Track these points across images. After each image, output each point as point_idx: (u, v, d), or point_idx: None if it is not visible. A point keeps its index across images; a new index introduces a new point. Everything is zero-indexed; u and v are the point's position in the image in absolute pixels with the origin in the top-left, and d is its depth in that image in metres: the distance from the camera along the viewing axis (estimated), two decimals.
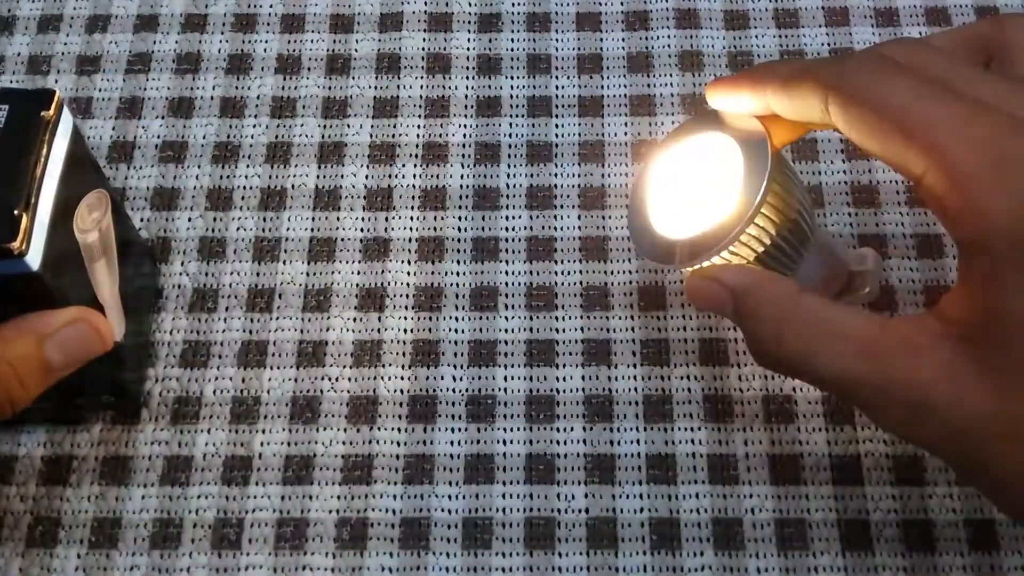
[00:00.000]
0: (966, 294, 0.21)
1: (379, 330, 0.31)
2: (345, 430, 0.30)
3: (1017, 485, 0.20)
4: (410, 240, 0.33)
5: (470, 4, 0.37)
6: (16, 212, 0.22)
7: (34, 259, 0.23)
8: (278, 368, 0.31)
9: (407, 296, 0.32)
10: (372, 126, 0.35)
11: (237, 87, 0.35)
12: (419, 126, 0.35)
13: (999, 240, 0.20)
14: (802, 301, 0.23)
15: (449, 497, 0.29)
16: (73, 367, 0.25)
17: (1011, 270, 0.20)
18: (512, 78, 0.36)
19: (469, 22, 0.37)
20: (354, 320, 0.31)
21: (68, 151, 0.25)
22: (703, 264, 0.25)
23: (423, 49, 0.36)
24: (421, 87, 0.35)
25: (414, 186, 0.34)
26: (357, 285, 0.32)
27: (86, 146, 0.26)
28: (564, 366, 0.31)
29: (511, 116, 0.35)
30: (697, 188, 0.26)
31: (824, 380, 0.23)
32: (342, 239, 0.33)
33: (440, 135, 0.34)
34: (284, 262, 0.32)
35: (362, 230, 0.33)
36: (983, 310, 0.20)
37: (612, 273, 0.32)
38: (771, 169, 0.24)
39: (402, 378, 0.31)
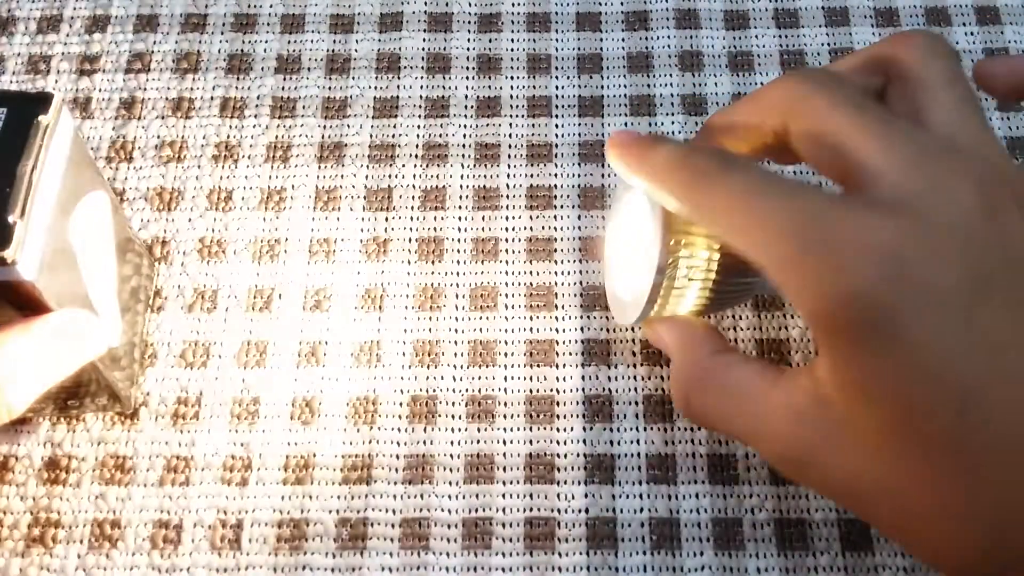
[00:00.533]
0: (821, 358, 0.22)
1: (379, 330, 0.31)
2: (345, 430, 0.30)
3: (900, 537, 0.22)
4: (410, 240, 0.33)
5: (470, 4, 0.37)
6: (11, 219, 0.22)
7: (27, 267, 0.22)
8: (278, 368, 0.31)
9: (407, 296, 0.32)
10: (372, 126, 0.35)
11: (237, 87, 0.35)
12: (419, 126, 0.35)
13: (818, 324, 0.21)
14: (709, 366, 0.25)
15: (449, 497, 0.29)
16: (68, 371, 0.25)
17: (835, 349, 0.21)
18: (512, 78, 0.36)
19: (469, 22, 0.37)
20: (354, 320, 0.31)
21: (67, 155, 0.25)
22: (646, 318, 0.27)
23: (423, 49, 0.36)
24: (421, 87, 0.35)
25: (414, 186, 0.34)
26: (357, 285, 0.32)
27: (85, 148, 0.26)
28: (564, 366, 0.31)
29: (511, 116, 0.35)
30: (634, 245, 0.27)
31: (727, 434, 0.26)
32: (342, 239, 0.33)
33: (440, 135, 0.34)
34: (284, 262, 0.32)
35: (362, 230, 0.33)
36: (830, 378, 0.21)
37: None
38: (665, 228, 0.25)
39: (402, 378, 0.31)
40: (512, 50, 0.36)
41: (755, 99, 0.25)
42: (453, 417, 0.30)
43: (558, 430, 0.30)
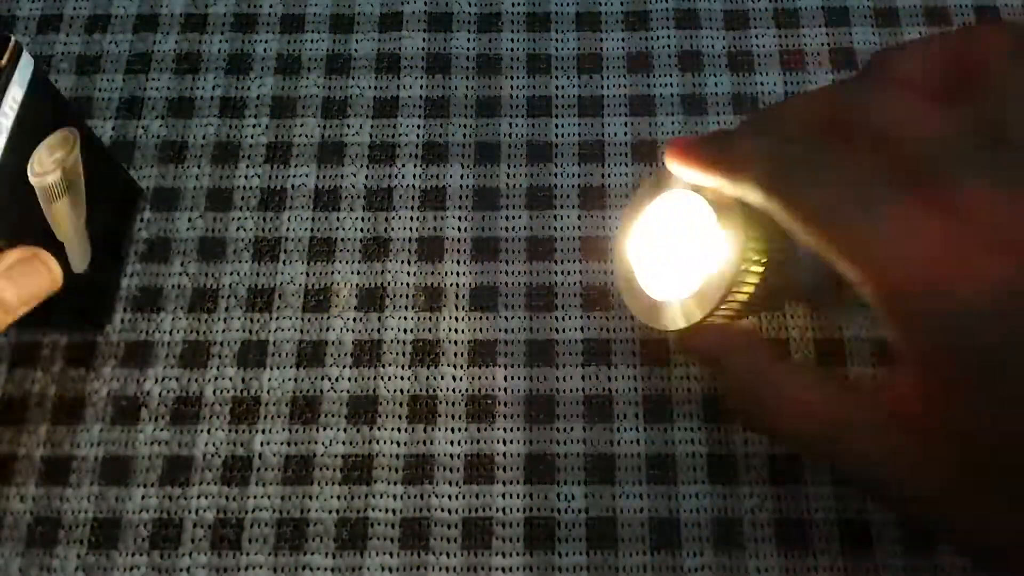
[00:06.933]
0: (909, 389, 0.21)
1: (379, 330, 0.31)
2: (345, 430, 0.30)
3: (977, 555, 0.22)
4: (410, 240, 0.33)
5: (470, 4, 0.37)
6: None
7: None
8: (278, 368, 0.31)
9: (407, 296, 0.32)
10: (372, 126, 0.35)
11: (237, 87, 0.35)
12: (419, 126, 0.35)
13: (918, 361, 0.21)
14: (767, 374, 0.24)
15: (449, 497, 0.29)
16: (30, 305, 0.26)
17: (932, 385, 0.20)
18: (512, 78, 0.36)
19: (469, 22, 0.37)
20: (354, 320, 0.31)
21: (25, 98, 0.25)
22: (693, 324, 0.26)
23: (423, 49, 0.36)
24: (421, 87, 0.35)
25: (414, 186, 0.34)
26: (357, 285, 0.32)
27: (52, 87, 0.26)
28: (564, 366, 0.31)
29: (511, 116, 0.35)
30: (681, 247, 0.27)
31: (789, 446, 0.26)
32: (342, 239, 0.33)
33: (440, 135, 0.34)
34: (284, 262, 0.32)
35: (362, 230, 0.33)
36: (919, 407, 0.21)
37: (611, 273, 0.32)
38: (742, 235, 0.24)
39: (402, 378, 0.31)
40: (512, 50, 0.36)
41: (802, 129, 0.23)
42: (453, 417, 0.30)
43: (558, 430, 0.30)
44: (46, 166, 0.26)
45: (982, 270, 0.20)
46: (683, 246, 0.26)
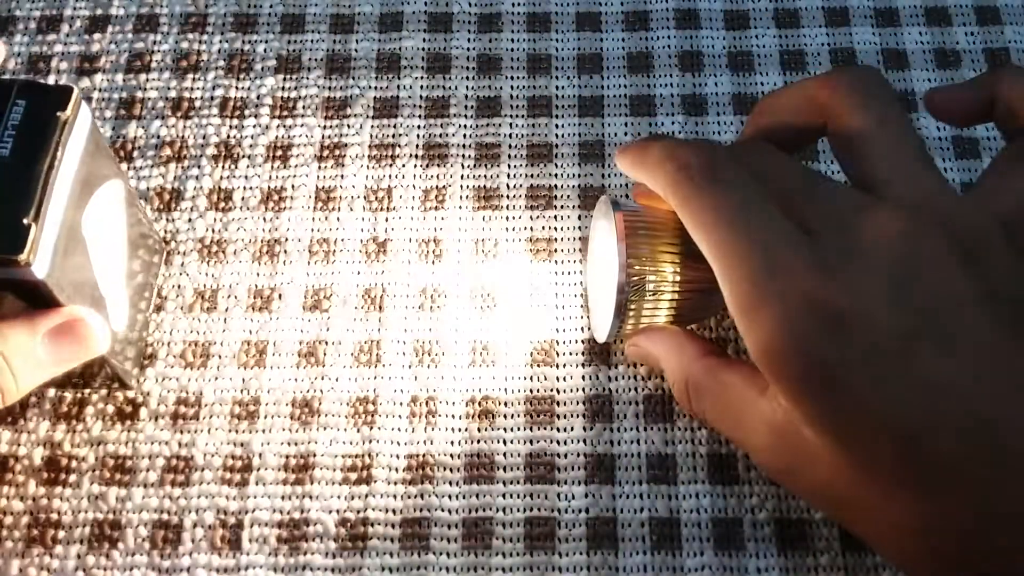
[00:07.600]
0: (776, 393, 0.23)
1: (379, 330, 0.31)
2: (345, 430, 0.30)
3: (871, 543, 0.23)
4: (410, 240, 0.33)
5: (470, 4, 0.37)
6: (25, 221, 0.22)
7: (41, 268, 0.23)
8: (278, 368, 0.31)
9: (407, 296, 0.32)
10: (372, 126, 0.35)
11: (237, 87, 0.35)
12: (419, 126, 0.35)
13: (764, 368, 0.22)
14: (700, 369, 0.26)
15: (449, 497, 0.29)
16: (66, 367, 0.25)
17: (783, 392, 0.22)
18: (512, 78, 0.36)
19: (469, 22, 0.37)
20: (354, 320, 0.31)
21: (83, 149, 0.24)
22: (620, 335, 0.28)
23: (423, 49, 0.36)
24: (421, 87, 0.35)
25: (414, 186, 0.34)
26: (357, 285, 0.32)
27: (102, 139, 0.26)
28: (564, 366, 0.31)
29: (511, 116, 0.35)
30: (604, 265, 0.29)
31: (725, 436, 0.28)
32: (342, 239, 0.33)
33: (440, 135, 0.34)
34: (284, 262, 0.32)
35: (362, 230, 0.33)
36: (783, 410, 0.23)
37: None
38: (623, 246, 0.26)
39: (402, 378, 0.31)
40: (512, 50, 0.36)
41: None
42: (453, 417, 0.30)
43: (558, 430, 0.30)
44: (98, 219, 0.25)
45: (815, 292, 0.22)
46: (608, 265, 0.28)
